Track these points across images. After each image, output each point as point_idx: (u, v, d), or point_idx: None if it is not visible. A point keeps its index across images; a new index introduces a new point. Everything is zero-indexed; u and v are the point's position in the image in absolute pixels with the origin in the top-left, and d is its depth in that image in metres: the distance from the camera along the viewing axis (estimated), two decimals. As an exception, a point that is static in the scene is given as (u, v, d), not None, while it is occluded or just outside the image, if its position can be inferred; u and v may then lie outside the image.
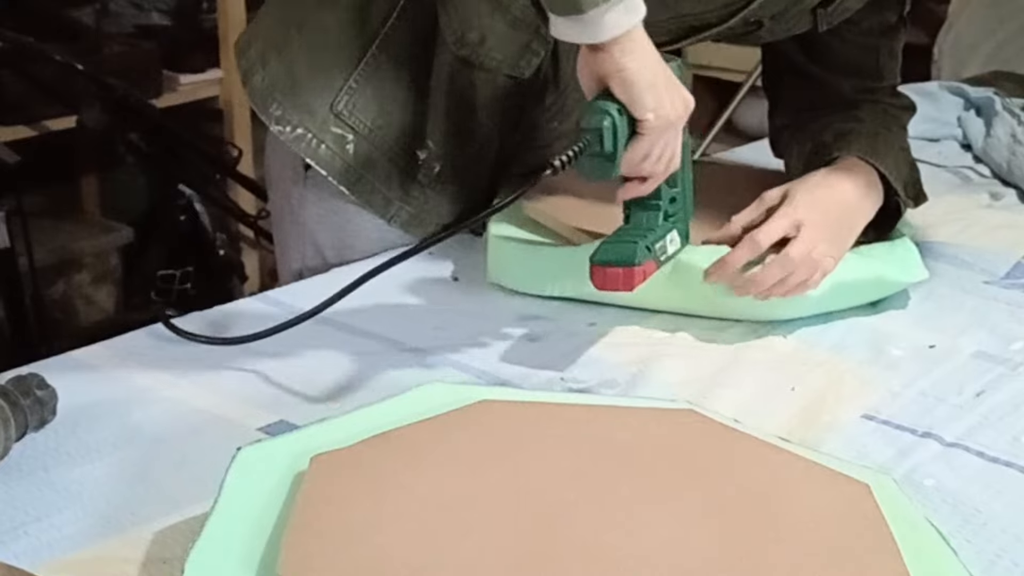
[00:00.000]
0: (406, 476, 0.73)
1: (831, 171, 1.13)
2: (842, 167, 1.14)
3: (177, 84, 2.63)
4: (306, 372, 0.98)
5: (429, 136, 1.20)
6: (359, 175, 1.20)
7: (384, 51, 1.18)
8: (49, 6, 2.59)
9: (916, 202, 1.20)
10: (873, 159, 1.14)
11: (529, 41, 1.17)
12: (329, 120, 1.19)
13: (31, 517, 0.78)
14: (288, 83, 1.20)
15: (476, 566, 0.66)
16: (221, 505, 0.71)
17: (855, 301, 1.11)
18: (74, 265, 2.69)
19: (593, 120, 0.92)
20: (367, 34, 1.18)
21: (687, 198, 1.06)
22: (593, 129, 0.92)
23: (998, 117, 1.67)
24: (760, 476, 0.76)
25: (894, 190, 1.15)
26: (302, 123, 1.19)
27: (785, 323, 1.09)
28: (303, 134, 1.19)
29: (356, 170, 1.20)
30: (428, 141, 1.20)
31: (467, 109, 1.20)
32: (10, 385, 0.86)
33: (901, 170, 1.17)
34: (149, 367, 0.98)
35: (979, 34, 2.78)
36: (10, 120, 2.37)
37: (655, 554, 0.68)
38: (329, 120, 1.19)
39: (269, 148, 1.29)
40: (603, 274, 0.96)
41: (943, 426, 0.93)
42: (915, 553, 0.69)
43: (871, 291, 1.12)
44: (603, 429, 0.80)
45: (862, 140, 1.17)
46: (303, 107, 1.19)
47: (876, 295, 1.13)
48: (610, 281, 0.96)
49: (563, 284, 1.11)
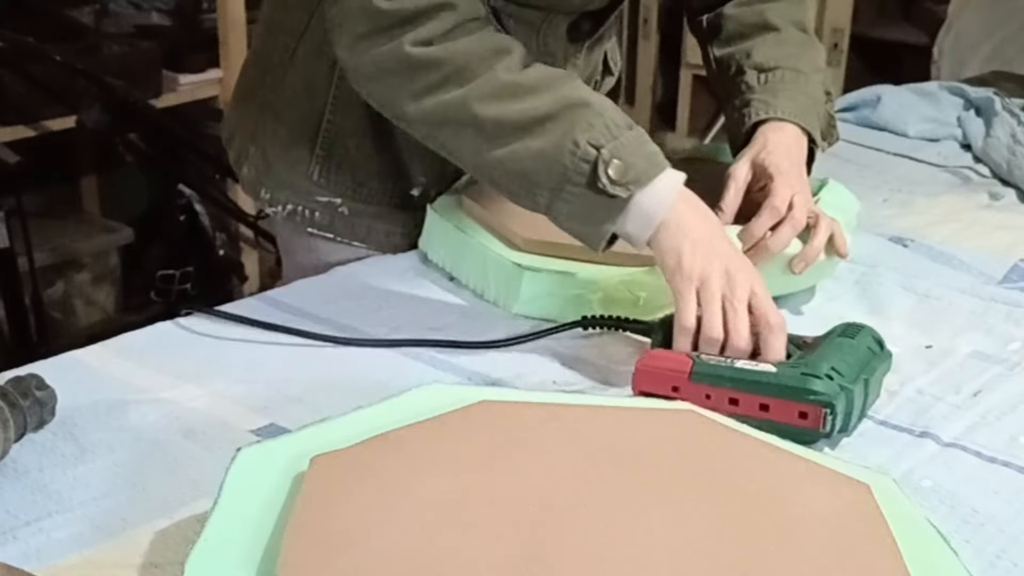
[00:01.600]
0: (406, 477, 0.73)
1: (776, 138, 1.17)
2: (778, 130, 1.18)
3: (177, 84, 2.63)
4: (301, 374, 0.98)
5: (416, 175, 1.23)
6: (361, 227, 1.24)
7: (337, 114, 1.20)
8: (49, 6, 2.59)
9: (829, 141, 1.30)
10: (796, 118, 1.18)
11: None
12: (312, 191, 1.23)
13: (21, 521, 0.78)
14: (265, 167, 1.24)
15: (476, 566, 0.66)
16: (221, 506, 0.71)
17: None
18: (74, 265, 2.69)
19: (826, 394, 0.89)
20: (317, 104, 1.20)
21: None
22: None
23: (998, 117, 1.67)
24: (760, 476, 0.76)
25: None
26: (289, 200, 1.24)
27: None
28: (294, 208, 1.24)
29: (356, 224, 1.24)
30: (419, 179, 1.23)
31: None
32: (9, 386, 0.86)
33: (816, 116, 1.22)
34: (148, 368, 0.98)
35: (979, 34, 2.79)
36: (10, 120, 2.37)
37: (655, 554, 0.68)
38: (312, 191, 1.23)
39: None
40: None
41: (940, 426, 0.93)
42: (915, 554, 0.69)
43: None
44: (603, 429, 0.80)
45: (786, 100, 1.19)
46: (285, 185, 1.23)
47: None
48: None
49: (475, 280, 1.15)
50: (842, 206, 1.23)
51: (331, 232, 1.24)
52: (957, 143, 1.70)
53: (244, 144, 1.27)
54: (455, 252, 1.17)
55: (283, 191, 1.24)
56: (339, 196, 1.23)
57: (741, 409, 0.89)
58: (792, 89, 1.20)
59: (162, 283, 2.63)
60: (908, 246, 1.29)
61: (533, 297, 1.09)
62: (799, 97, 1.20)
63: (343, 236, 1.24)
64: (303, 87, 1.21)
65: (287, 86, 1.21)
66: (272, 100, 1.23)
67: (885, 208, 1.43)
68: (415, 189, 1.23)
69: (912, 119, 1.75)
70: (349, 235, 1.24)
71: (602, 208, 0.99)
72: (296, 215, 1.24)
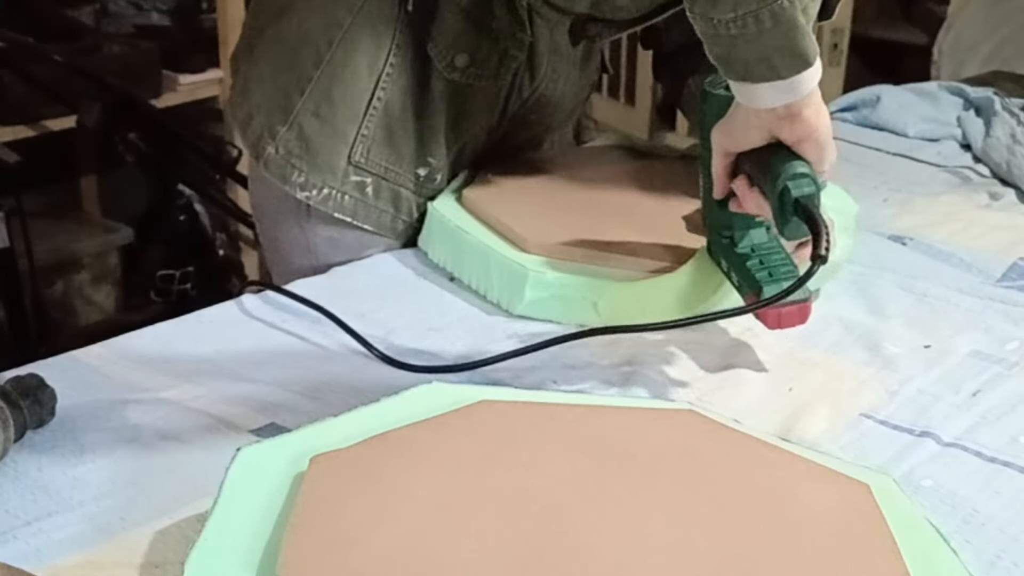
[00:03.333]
0: (406, 477, 0.73)
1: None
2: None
3: (177, 84, 2.64)
4: (299, 374, 0.98)
5: (430, 155, 1.23)
6: (380, 211, 1.23)
7: (387, 94, 1.19)
8: (49, 6, 2.59)
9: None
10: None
11: (507, 49, 1.19)
12: (349, 172, 1.21)
13: (21, 521, 0.77)
14: (302, 148, 1.21)
15: (475, 566, 0.66)
16: (221, 505, 0.71)
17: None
18: (74, 265, 2.69)
19: (811, 188, 0.90)
20: (368, 83, 1.19)
21: None
22: (814, 194, 0.90)
23: (997, 117, 1.67)
24: (761, 476, 0.76)
25: None
26: (326, 183, 1.21)
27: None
28: (329, 193, 1.21)
29: (377, 208, 1.22)
30: (429, 159, 1.23)
31: (461, 121, 1.23)
32: (9, 385, 0.86)
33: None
34: (146, 368, 0.98)
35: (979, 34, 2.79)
36: (10, 120, 2.38)
37: (655, 554, 0.68)
38: (349, 172, 1.21)
39: (260, 184, 1.30)
40: (778, 316, 0.95)
41: (940, 426, 0.93)
42: (915, 554, 0.69)
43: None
44: (603, 429, 0.80)
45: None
46: (323, 167, 1.21)
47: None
48: (786, 320, 0.96)
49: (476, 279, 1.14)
50: (840, 208, 1.23)
51: (353, 217, 1.22)
52: (957, 143, 1.69)
53: (270, 123, 1.22)
54: (456, 252, 1.17)
55: (320, 174, 1.21)
56: (371, 176, 1.21)
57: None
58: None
59: (162, 283, 2.63)
60: (907, 244, 1.30)
61: (537, 299, 1.09)
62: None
63: (363, 221, 1.22)
64: (355, 63, 1.19)
65: (335, 62, 1.19)
66: (313, 77, 1.20)
67: (884, 208, 1.43)
68: (423, 169, 1.23)
69: (912, 119, 1.75)
70: (367, 220, 1.22)
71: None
72: (329, 200, 1.21)
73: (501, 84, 1.22)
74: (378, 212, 1.23)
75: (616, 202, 1.20)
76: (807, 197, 0.90)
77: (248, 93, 1.26)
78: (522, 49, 1.20)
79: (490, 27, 1.18)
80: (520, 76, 1.23)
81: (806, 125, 0.91)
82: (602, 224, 1.13)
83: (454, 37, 1.17)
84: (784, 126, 0.91)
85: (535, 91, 1.26)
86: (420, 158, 1.23)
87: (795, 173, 0.90)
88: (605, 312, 1.07)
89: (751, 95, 0.90)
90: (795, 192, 0.90)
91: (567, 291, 1.08)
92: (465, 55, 1.18)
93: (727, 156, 0.97)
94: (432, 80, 1.20)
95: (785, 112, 0.90)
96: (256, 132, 1.24)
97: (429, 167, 1.23)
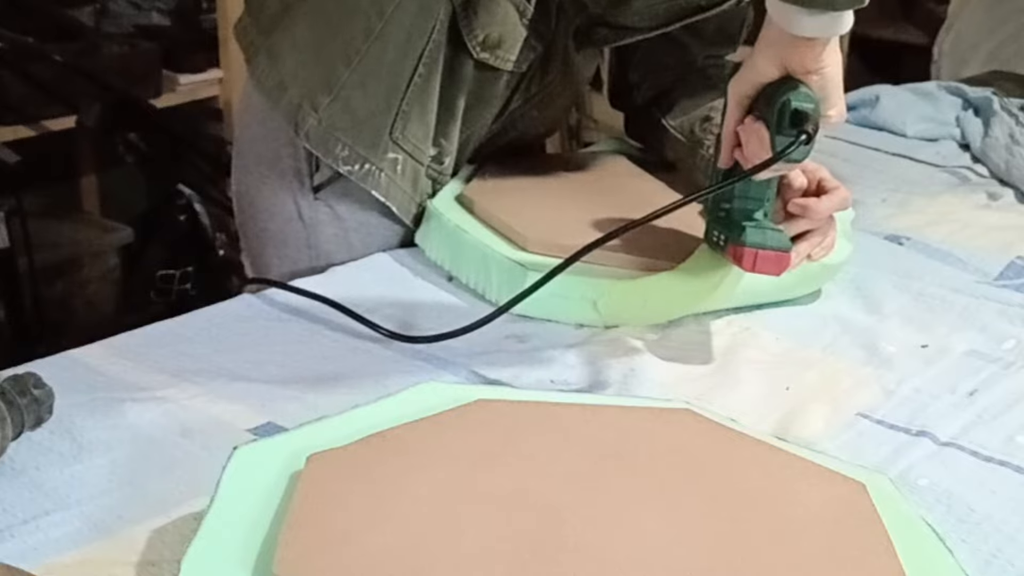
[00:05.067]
0: (403, 475, 0.73)
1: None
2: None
3: (177, 84, 2.63)
4: (296, 373, 0.98)
5: (443, 136, 1.23)
6: (403, 191, 1.22)
7: (426, 69, 1.19)
8: (49, 6, 2.59)
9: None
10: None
11: (529, 37, 1.19)
12: (388, 147, 1.20)
13: (18, 519, 0.78)
14: (348, 120, 1.19)
15: (472, 565, 0.66)
16: (217, 504, 0.71)
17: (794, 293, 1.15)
18: (74, 265, 2.69)
19: (810, 104, 0.94)
20: (412, 58, 1.18)
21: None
22: (812, 112, 0.93)
23: (996, 117, 1.67)
24: (758, 475, 0.76)
25: None
26: (368, 158, 1.20)
27: (778, 323, 1.09)
28: (370, 168, 1.20)
29: (401, 188, 1.22)
30: (442, 140, 1.23)
31: (475, 107, 1.23)
32: (7, 384, 0.86)
33: None
34: (145, 366, 0.98)
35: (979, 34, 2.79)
36: (10, 120, 2.38)
37: (651, 553, 0.68)
38: (388, 147, 1.20)
39: (248, 173, 1.29)
40: (754, 256, 0.97)
41: (937, 425, 0.93)
42: (911, 553, 0.69)
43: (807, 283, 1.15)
44: (600, 428, 0.80)
45: None
46: (367, 142, 1.20)
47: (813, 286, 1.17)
48: (761, 264, 0.98)
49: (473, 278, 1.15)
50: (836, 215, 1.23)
51: (386, 197, 1.21)
52: (955, 143, 1.70)
53: (312, 95, 1.20)
54: (455, 251, 1.17)
55: (364, 148, 1.19)
56: (402, 153, 1.21)
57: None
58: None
59: (162, 283, 2.63)
60: (904, 244, 1.30)
61: (536, 298, 1.09)
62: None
63: (392, 201, 1.22)
64: (403, 36, 1.18)
65: (386, 35, 1.18)
66: (362, 49, 1.19)
67: (883, 208, 1.43)
68: (434, 149, 1.22)
69: (910, 119, 1.75)
70: (394, 200, 1.22)
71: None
72: (370, 176, 1.20)
73: (516, 74, 1.22)
74: (401, 192, 1.22)
75: (615, 203, 1.20)
76: (804, 111, 0.93)
77: (278, 60, 1.23)
78: (542, 41, 1.20)
79: (523, 13, 1.18)
80: (533, 70, 1.23)
81: (817, 58, 0.95)
82: (601, 224, 1.13)
83: (494, 14, 1.17)
84: (799, 55, 0.95)
85: (544, 88, 1.26)
86: (435, 138, 1.22)
87: (799, 92, 0.94)
88: (605, 311, 1.07)
89: (791, 19, 0.93)
90: (795, 103, 0.93)
91: (567, 290, 1.08)
92: (498, 33, 1.18)
93: (740, 105, 1.00)
94: (462, 59, 1.19)
95: (807, 44, 0.94)
96: (294, 102, 1.20)
97: (440, 148, 1.23)
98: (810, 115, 0.93)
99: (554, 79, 1.25)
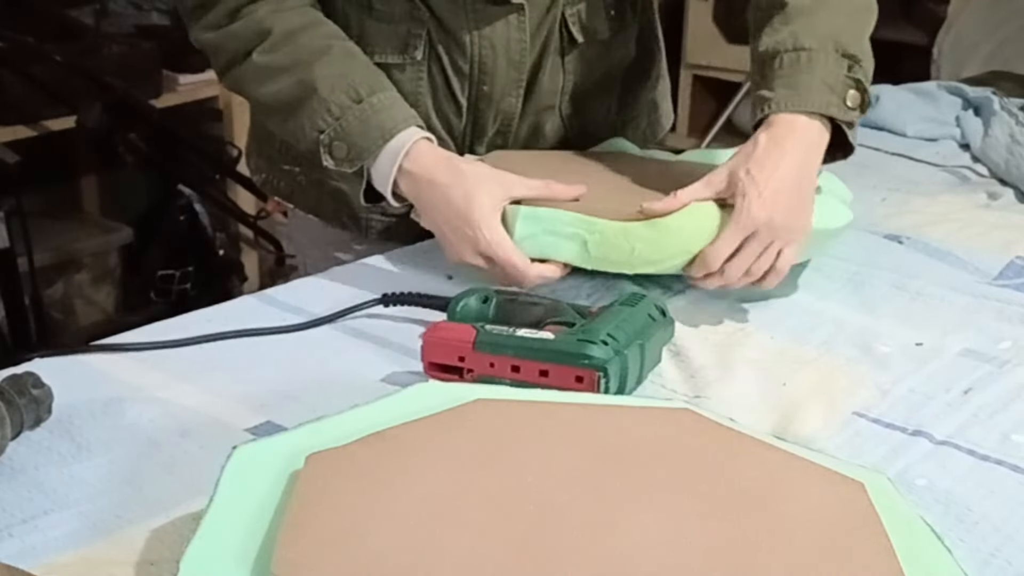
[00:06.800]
0: (401, 475, 0.73)
1: (768, 144, 1.09)
2: (775, 130, 1.10)
3: (177, 84, 2.64)
4: (295, 372, 0.98)
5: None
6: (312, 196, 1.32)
7: None
8: (49, 6, 2.59)
9: (862, 108, 1.15)
10: (796, 107, 1.10)
11: (408, 28, 1.21)
12: (275, 159, 1.32)
13: (17, 519, 0.78)
14: (254, 136, 1.33)
15: (471, 565, 0.66)
16: (216, 504, 0.71)
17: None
18: (74, 265, 2.69)
19: None
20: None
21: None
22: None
23: (996, 117, 1.67)
24: (757, 475, 0.76)
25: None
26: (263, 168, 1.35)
27: (773, 322, 1.09)
28: (266, 178, 1.35)
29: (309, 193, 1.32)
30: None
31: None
32: (6, 384, 0.86)
33: (830, 91, 1.12)
34: (144, 366, 0.98)
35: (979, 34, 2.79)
36: (10, 120, 2.38)
37: (650, 553, 0.68)
38: (275, 159, 1.32)
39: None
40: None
41: (933, 424, 0.93)
42: (910, 552, 0.69)
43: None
44: (599, 428, 0.80)
45: (781, 85, 1.12)
46: (262, 154, 1.32)
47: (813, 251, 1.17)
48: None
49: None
50: (835, 191, 1.24)
51: (291, 202, 1.33)
52: (955, 143, 1.70)
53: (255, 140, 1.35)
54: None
55: (260, 159, 1.35)
56: (297, 165, 1.29)
57: (523, 375, 0.91)
58: (791, 74, 1.11)
59: (162, 283, 2.63)
60: (903, 243, 1.30)
61: (529, 235, 1.09)
62: (801, 78, 1.11)
63: (303, 207, 1.32)
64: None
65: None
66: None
67: (883, 207, 1.43)
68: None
69: (910, 118, 1.75)
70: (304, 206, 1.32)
71: (351, 180, 1.14)
72: (267, 185, 1.34)
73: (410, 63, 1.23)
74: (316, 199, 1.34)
75: (616, 181, 1.20)
76: None
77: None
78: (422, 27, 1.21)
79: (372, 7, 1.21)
80: (478, 68, 1.24)
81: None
82: (599, 192, 1.14)
83: (339, 16, 1.21)
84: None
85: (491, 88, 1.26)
86: None
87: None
88: (595, 251, 1.08)
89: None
90: None
91: (558, 226, 1.09)
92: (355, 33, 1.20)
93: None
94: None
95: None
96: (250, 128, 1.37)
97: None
98: None
99: (494, 77, 1.26)
